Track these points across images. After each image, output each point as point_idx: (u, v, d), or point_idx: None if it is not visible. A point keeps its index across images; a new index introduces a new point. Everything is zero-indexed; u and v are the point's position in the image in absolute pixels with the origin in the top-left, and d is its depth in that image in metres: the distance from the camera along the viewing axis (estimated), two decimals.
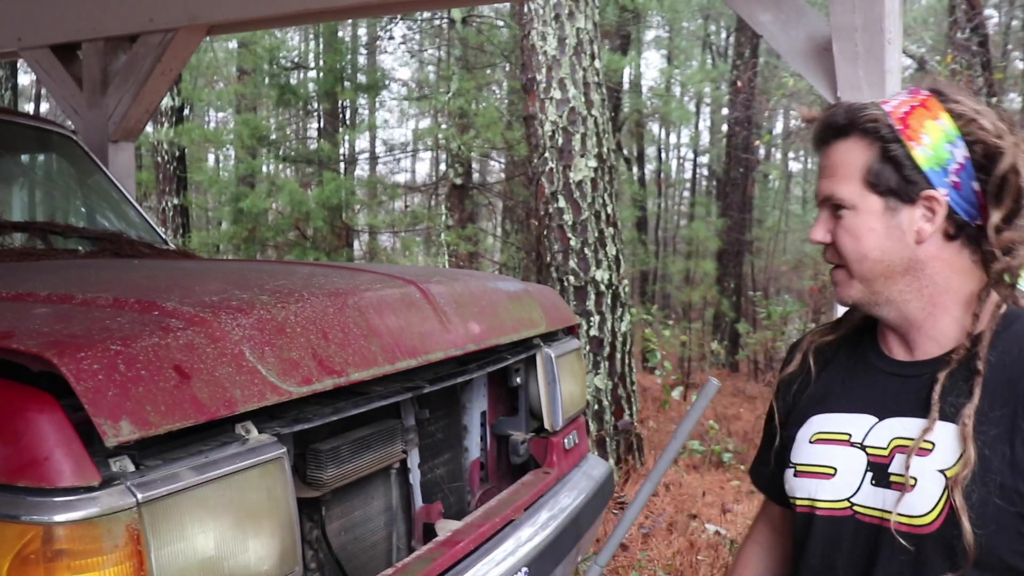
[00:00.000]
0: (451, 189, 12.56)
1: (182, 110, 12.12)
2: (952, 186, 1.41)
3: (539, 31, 6.53)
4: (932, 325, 1.47)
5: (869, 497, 1.47)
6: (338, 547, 2.17)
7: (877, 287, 1.47)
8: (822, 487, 1.53)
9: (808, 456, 1.58)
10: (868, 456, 1.48)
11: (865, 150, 1.45)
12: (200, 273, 2.54)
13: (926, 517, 1.37)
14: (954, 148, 1.41)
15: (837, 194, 1.47)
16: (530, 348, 3.00)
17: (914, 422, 1.43)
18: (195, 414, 1.55)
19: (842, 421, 1.55)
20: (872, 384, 1.54)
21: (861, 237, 1.46)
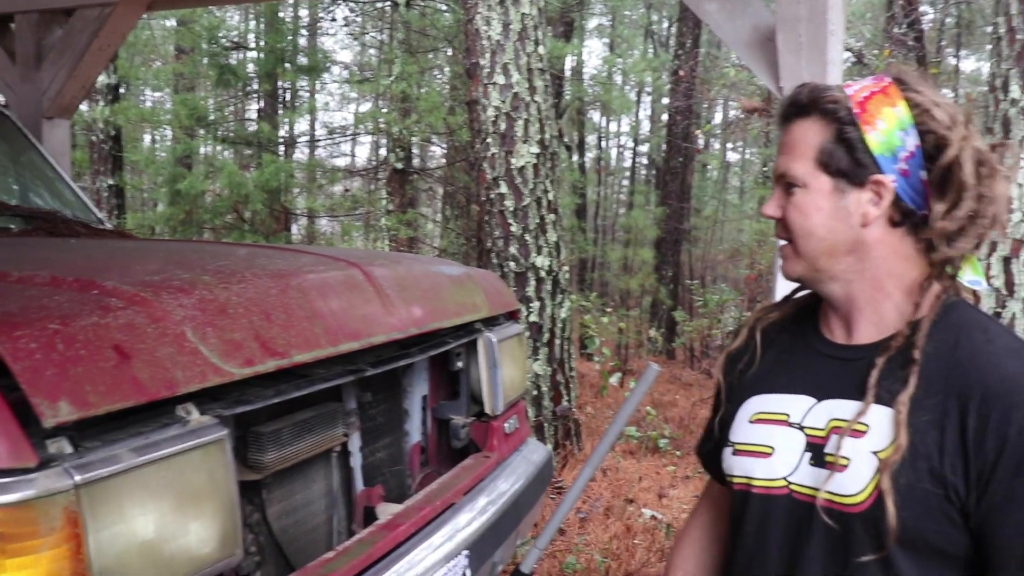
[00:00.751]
0: (392, 173, 12.48)
1: (118, 88, 11.86)
2: (901, 173, 1.44)
3: (483, 16, 6.51)
4: (873, 309, 1.50)
5: (805, 476, 1.49)
6: (279, 530, 2.16)
7: (820, 264, 1.50)
8: (759, 465, 1.56)
9: (747, 435, 1.61)
10: (806, 436, 1.51)
11: (822, 130, 1.47)
12: (140, 253, 2.50)
13: (857, 497, 1.40)
14: (906, 136, 1.44)
15: (790, 171, 1.50)
16: (472, 332, 3.01)
17: (851, 404, 1.45)
18: (135, 395, 1.53)
19: (782, 401, 1.58)
20: (812, 366, 1.57)
21: (809, 215, 1.49)
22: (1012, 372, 1.37)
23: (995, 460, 1.33)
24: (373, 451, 2.65)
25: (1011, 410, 1.34)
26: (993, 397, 1.35)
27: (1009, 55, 5.54)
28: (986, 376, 1.37)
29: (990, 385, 1.36)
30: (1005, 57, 5.58)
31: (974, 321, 1.46)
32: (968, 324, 1.45)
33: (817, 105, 1.48)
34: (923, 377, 1.39)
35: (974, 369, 1.38)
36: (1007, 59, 5.56)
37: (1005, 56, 5.58)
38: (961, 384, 1.38)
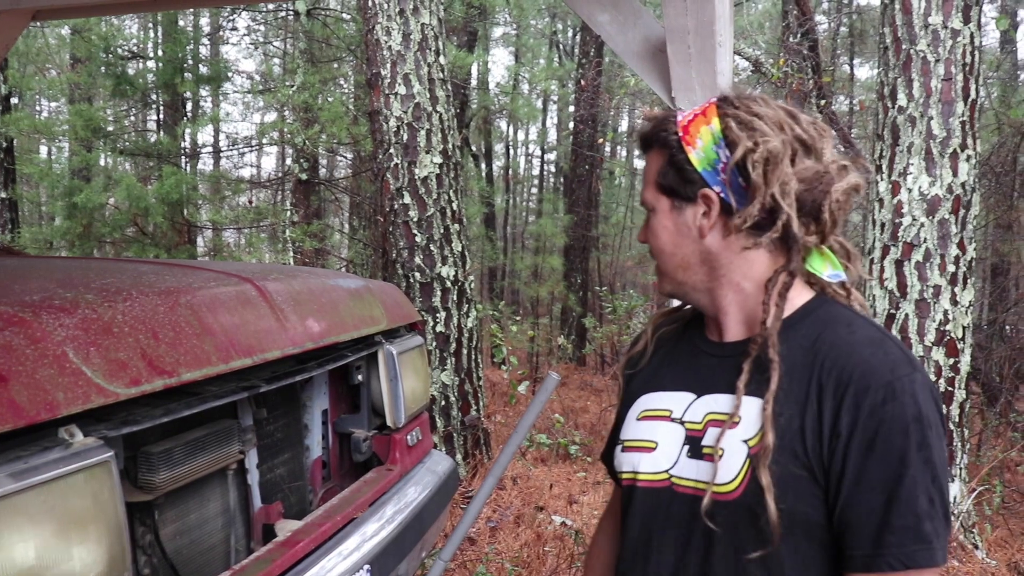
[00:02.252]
0: (296, 184, 12.35)
1: (9, 98, 11.52)
2: (725, 184, 1.53)
3: (383, 26, 6.49)
4: (737, 310, 1.59)
5: (685, 469, 1.56)
6: (173, 551, 2.12)
7: (679, 278, 1.61)
8: (644, 460, 1.62)
9: (634, 432, 1.68)
10: (686, 430, 1.58)
11: (659, 158, 1.60)
12: (23, 271, 2.43)
13: (730, 485, 1.47)
14: (719, 149, 1.54)
15: (643, 198, 1.64)
16: (371, 345, 2.99)
17: (726, 398, 1.54)
18: (12, 418, 1.49)
19: (665, 399, 1.65)
20: (693, 364, 1.65)
21: (658, 234, 1.62)
22: (866, 357, 1.45)
23: (847, 439, 1.41)
24: (271, 467, 2.62)
25: (863, 392, 1.41)
26: (847, 381, 1.43)
27: (895, 64, 5.72)
28: (843, 362, 1.45)
29: (845, 369, 1.44)
30: (892, 67, 5.76)
31: (840, 316, 1.54)
32: (833, 319, 1.54)
33: (655, 137, 1.61)
34: (787, 369, 1.47)
35: (833, 356, 1.46)
36: (894, 68, 5.74)
37: (892, 65, 5.76)
38: (819, 371, 1.46)
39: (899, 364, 1.44)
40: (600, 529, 1.96)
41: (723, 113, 1.55)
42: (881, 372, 1.43)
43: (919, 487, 1.39)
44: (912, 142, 5.63)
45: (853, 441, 1.40)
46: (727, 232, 1.55)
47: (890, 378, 1.42)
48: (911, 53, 5.62)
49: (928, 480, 1.40)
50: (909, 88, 5.63)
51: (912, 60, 5.62)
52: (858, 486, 1.40)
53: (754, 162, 1.49)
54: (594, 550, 1.95)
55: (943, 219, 5.55)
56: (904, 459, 1.39)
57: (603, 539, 1.94)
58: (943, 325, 5.57)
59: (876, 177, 5.92)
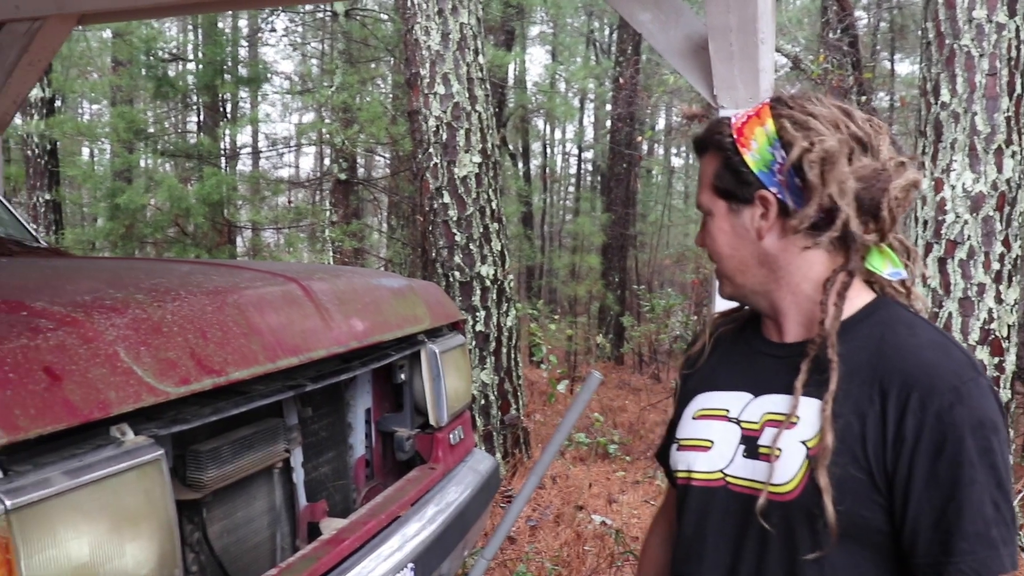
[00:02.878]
0: (335, 184, 12.43)
1: (53, 101, 11.68)
2: (780, 184, 1.53)
3: (422, 26, 6.51)
4: (796, 311, 1.59)
5: (740, 468, 1.56)
6: (220, 549, 2.14)
7: (739, 280, 1.62)
8: (699, 459, 1.63)
9: (690, 431, 1.68)
10: (742, 430, 1.58)
11: (714, 161, 1.61)
12: (72, 272, 2.47)
13: (787, 485, 1.46)
14: (775, 150, 1.53)
15: (699, 202, 1.65)
16: (414, 344, 3.00)
17: (784, 399, 1.53)
18: (67, 417, 1.51)
19: (722, 398, 1.65)
20: (751, 364, 1.65)
21: (716, 238, 1.62)
22: (930, 359, 1.44)
23: (914, 444, 1.40)
24: (316, 466, 2.64)
25: (929, 395, 1.40)
26: (912, 384, 1.42)
27: (938, 59, 5.65)
28: (906, 365, 1.44)
29: (909, 372, 1.43)
30: (935, 62, 5.69)
31: (900, 318, 1.54)
32: (894, 321, 1.53)
33: (710, 140, 1.61)
34: (847, 371, 1.46)
35: (895, 359, 1.45)
36: (936, 63, 5.67)
37: (935, 61, 5.69)
38: (882, 374, 1.45)
39: (964, 368, 1.43)
40: (652, 531, 1.97)
41: (777, 114, 1.55)
42: (946, 376, 1.41)
43: (986, 493, 1.38)
44: (956, 138, 5.56)
45: (920, 446, 1.39)
46: (785, 233, 1.55)
47: (956, 383, 1.41)
48: (955, 48, 5.56)
49: (993, 485, 1.39)
50: (953, 83, 5.57)
51: (956, 55, 5.56)
52: (925, 492, 1.40)
53: (811, 162, 1.48)
54: (647, 551, 1.96)
55: (987, 216, 5.48)
56: (971, 464, 1.38)
57: (656, 540, 1.94)
58: (987, 324, 5.50)
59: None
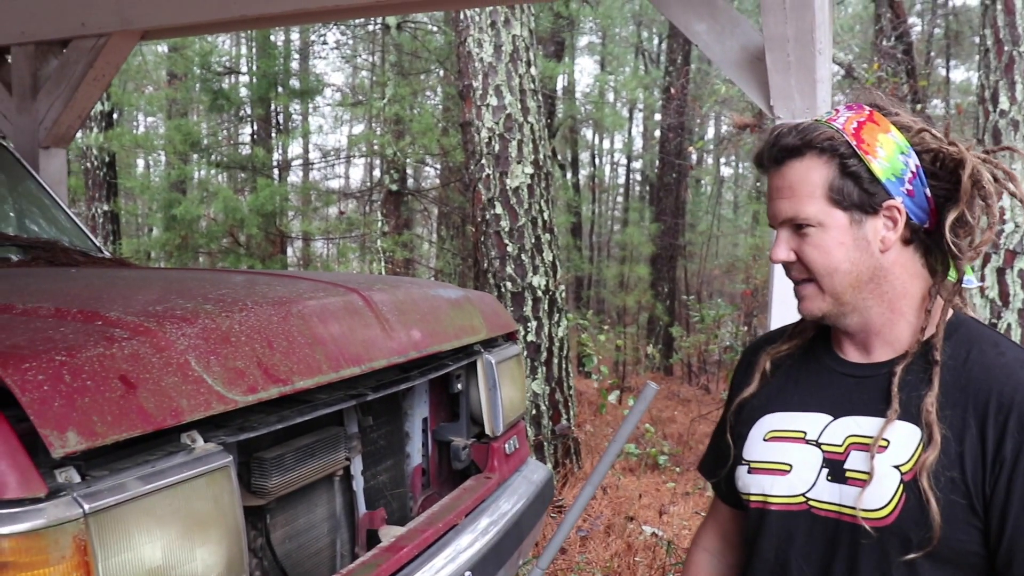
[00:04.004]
0: (386, 195, 12.52)
1: (112, 115, 11.92)
2: (907, 194, 1.49)
3: (475, 38, 6.56)
4: (890, 330, 1.55)
5: (825, 492, 1.53)
6: (282, 555, 2.18)
7: (846, 298, 1.54)
8: (776, 483, 1.60)
9: (762, 453, 1.64)
10: (824, 453, 1.55)
11: (824, 167, 1.50)
12: (141, 282, 2.52)
13: (883, 511, 1.44)
14: (907, 159, 1.49)
15: (802, 214, 1.52)
16: (471, 354, 3.02)
17: (868, 420, 1.51)
18: (141, 424, 1.55)
19: (796, 419, 1.62)
20: (826, 384, 1.61)
21: (831, 252, 1.52)
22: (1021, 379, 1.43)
23: (1014, 464, 1.39)
24: (375, 474, 2.67)
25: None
26: (1009, 405, 1.40)
27: (997, 67, 5.60)
28: (1002, 386, 1.42)
29: (1005, 394, 1.41)
30: (993, 69, 5.63)
31: (984, 336, 1.52)
32: (978, 338, 1.51)
33: (812, 144, 1.51)
34: (941, 387, 1.45)
35: (989, 379, 1.44)
36: (995, 71, 5.61)
37: (993, 68, 5.63)
38: (976, 395, 1.43)
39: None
40: (698, 543, 1.93)
41: (894, 122, 1.52)
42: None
43: None
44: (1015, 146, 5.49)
45: (1019, 468, 1.39)
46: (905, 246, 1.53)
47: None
48: (1014, 55, 5.50)
49: None
50: (1012, 91, 5.51)
51: (1015, 62, 5.50)
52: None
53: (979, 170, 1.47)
54: (693, 564, 1.91)
55: None
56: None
57: (705, 557, 1.90)
58: None
59: None
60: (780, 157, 1.54)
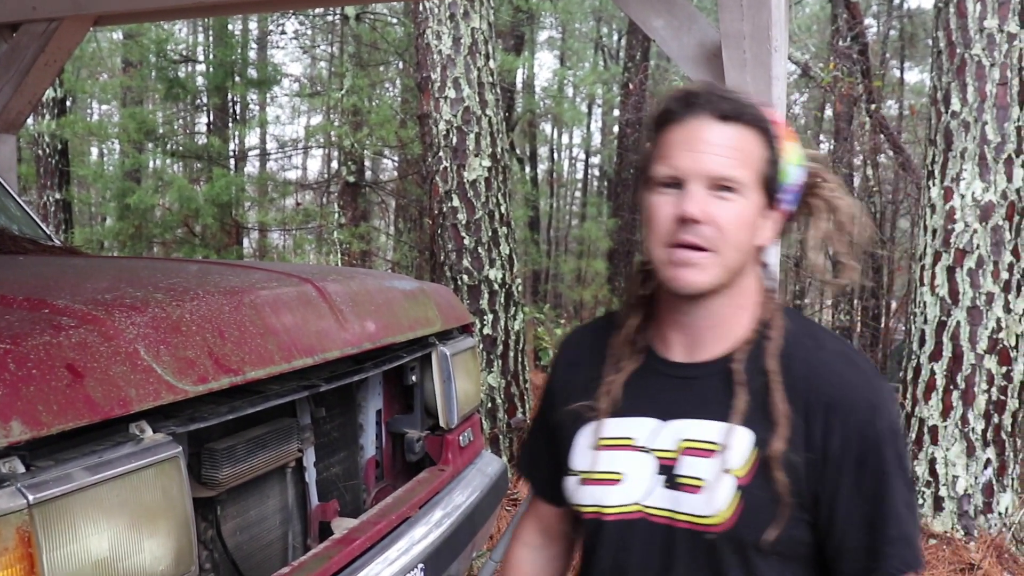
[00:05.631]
0: (344, 187, 12.45)
1: (64, 101, 11.74)
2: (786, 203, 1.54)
3: (434, 30, 6.54)
4: (730, 324, 1.51)
5: (659, 499, 1.49)
6: (233, 547, 2.16)
7: (726, 278, 1.46)
8: (609, 493, 1.53)
9: (592, 463, 1.56)
10: (657, 459, 1.50)
11: (761, 146, 1.46)
12: (91, 270, 2.49)
13: (718, 516, 1.43)
14: (799, 171, 1.54)
15: (736, 176, 1.42)
16: (425, 346, 3.02)
17: (700, 424, 1.47)
18: (88, 414, 1.53)
19: (624, 425, 1.55)
20: (653, 387, 1.55)
21: (744, 225, 1.45)
22: (846, 376, 1.46)
23: (839, 460, 1.41)
24: (328, 466, 2.66)
25: (849, 413, 1.42)
26: (834, 406, 1.42)
27: (949, 68, 5.67)
28: (828, 387, 1.44)
29: (831, 395, 1.43)
30: (945, 71, 5.70)
31: (801, 328, 1.53)
32: (797, 332, 1.51)
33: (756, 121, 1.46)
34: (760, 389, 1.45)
35: (811, 375, 1.45)
36: (947, 73, 5.68)
37: (945, 70, 5.70)
38: (800, 392, 1.44)
39: (872, 379, 1.47)
40: (520, 541, 1.84)
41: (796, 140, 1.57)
42: (862, 391, 1.44)
43: (900, 496, 1.43)
44: (965, 147, 5.57)
45: (845, 461, 1.42)
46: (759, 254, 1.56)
47: (870, 396, 1.44)
48: (966, 57, 5.57)
49: (906, 488, 1.44)
50: (963, 92, 5.58)
51: (967, 64, 5.57)
52: (851, 504, 1.42)
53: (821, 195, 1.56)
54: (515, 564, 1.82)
55: (996, 225, 5.49)
56: (890, 472, 1.43)
57: (526, 551, 1.82)
58: (996, 333, 5.51)
59: (928, 183, 5.88)
60: (725, 116, 1.44)
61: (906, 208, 12.43)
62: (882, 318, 11.96)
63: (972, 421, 5.58)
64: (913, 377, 5.89)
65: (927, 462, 5.76)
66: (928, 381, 5.75)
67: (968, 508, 5.62)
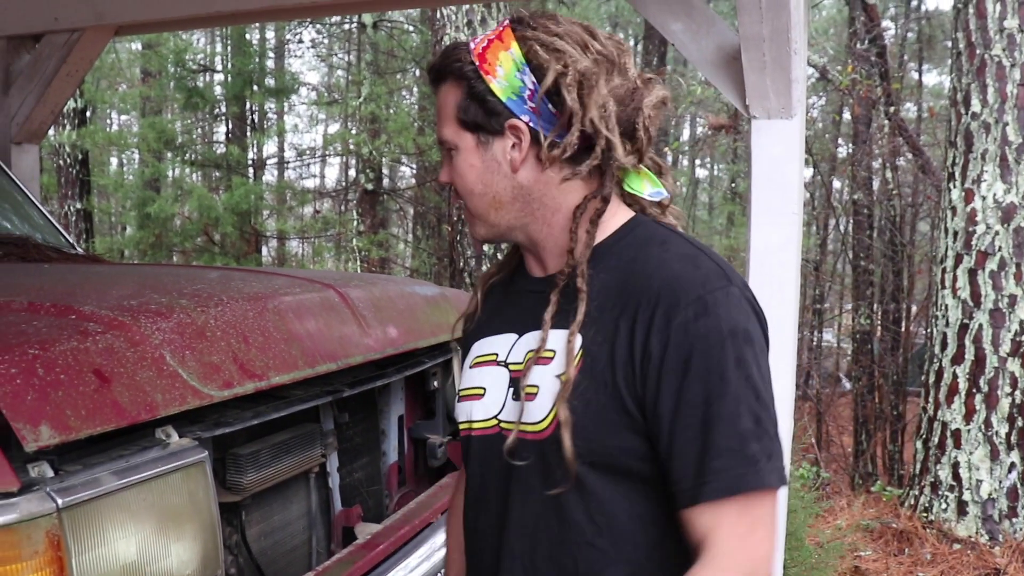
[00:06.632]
0: (362, 194, 12.49)
1: (85, 112, 11.82)
2: (532, 112, 1.43)
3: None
4: (554, 243, 1.49)
5: (508, 411, 1.48)
6: (258, 552, 2.17)
7: (492, 219, 1.50)
8: (476, 408, 1.55)
9: (467, 381, 1.60)
10: (510, 372, 1.50)
11: (455, 91, 1.47)
12: (115, 277, 2.51)
13: (542, 423, 1.40)
14: (523, 75, 1.42)
15: (442, 135, 1.50)
16: (447, 352, 3.02)
17: (541, 334, 1.44)
18: (116, 418, 1.54)
19: (492, 343, 1.57)
20: (516, 303, 1.57)
21: (465, 174, 1.48)
22: (676, 272, 1.36)
23: (660, 361, 1.32)
24: (351, 471, 2.66)
25: (673, 309, 1.32)
26: (656, 299, 1.34)
27: (969, 70, 5.65)
28: (652, 280, 1.36)
29: (654, 288, 1.35)
30: (965, 72, 5.68)
31: (655, 235, 1.46)
32: (648, 239, 1.45)
33: (447, 70, 1.48)
34: (599, 297, 1.39)
35: (644, 276, 1.38)
36: (967, 74, 5.67)
37: (965, 71, 5.69)
38: (631, 295, 1.37)
39: (711, 277, 1.35)
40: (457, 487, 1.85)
41: (521, 36, 1.43)
42: (691, 287, 1.34)
43: (741, 405, 1.29)
44: (986, 149, 5.55)
45: (666, 362, 1.31)
46: (541, 164, 1.45)
47: (701, 292, 1.33)
48: (985, 58, 5.56)
49: (752, 398, 1.30)
50: (983, 93, 5.56)
51: (987, 65, 5.56)
52: (676, 411, 1.31)
53: (567, 86, 1.38)
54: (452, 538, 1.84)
55: (1019, 227, 5.47)
56: (723, 376, 1.29)
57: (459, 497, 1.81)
58: (1019, 335, 5.48)
59: (948, 185, 5.86)
60: (433, 80, 1.51)
61: (925, 211, 12.36)
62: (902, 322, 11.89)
63: (995, 424, 5.55)
64: (935, 381, 5.87)
65: (950, 466, 5.74)
66: (950, 385, 5.73)
67: (992, 512, 5.59)
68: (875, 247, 11.46)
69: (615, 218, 1.48)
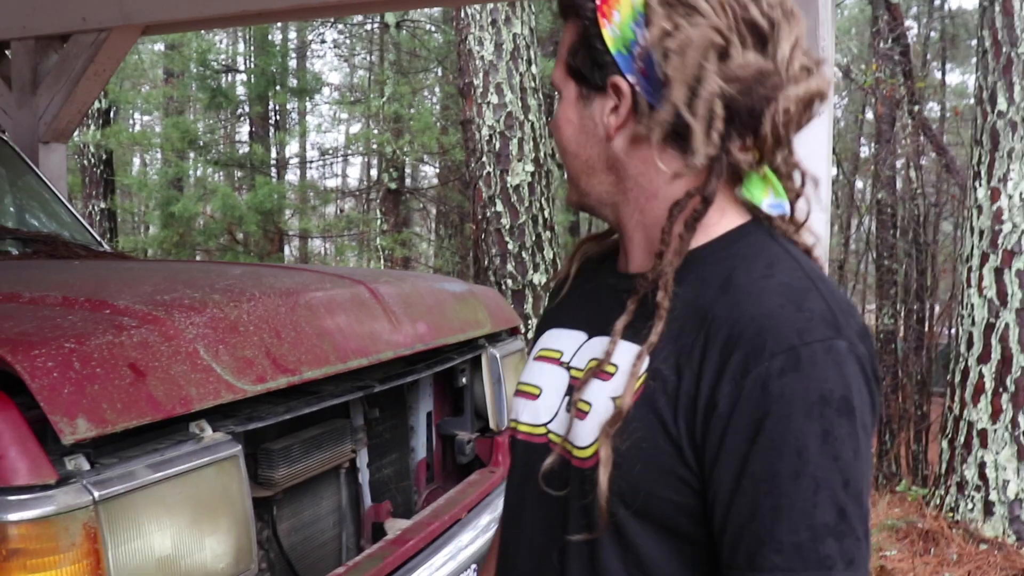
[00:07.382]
0: (385, 193, 12.52)
1: (109, 112, 11.91)
2: (640, 72, 1.15)
3: (476, 36, 6.56)
4: (643, 235, 1.23)
5: (559, 423, 1.25)
6: (289, 547, 2.17)
7: (583, 185, 1.26)
8: (526, 409, 1.33)
9: (527, 374, 1.37)
10: (570, 377, 1.27)
11: (572, 30, 1.22)
12: (146, 273, 2.52)
13: (588, 449, 1.16)
14: (638, 27, 1.14)
15: (553, 76, 1.28)
16: (475, 349, 3.02)
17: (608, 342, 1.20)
18: (151, 412, 1.54)
19: (561, 337, 1.34)
20: (591, 297, 1.33)
21: (561, 128, 1.25)
22: (770, 309, 1.07)
23: (728, 415, 1.04)
24: (380, 467, 2.66)
25: (755, 355, 1.04)
26: (738, 337, 1.06)
27: (995, 68, 5.60)
28: (740, 311, 1.08)
29: (739, 321, 1.07)
30: (991, 70, 5.64)
31: (763, 252, 1.16)
32: (754, 256, 1.15)
33: (571, 4, 1.21)
34: (681, 317, 1.12)
35: (731, 304, 1.09)
36: (993, 72, 5.62)
37: (991, 69, 5.64)
38: (713, 322, 1.09)
39: (815, 324, 1.05)
40: None
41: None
42: (784, 332, 1.04)
43: (821, 493, 1.00)
44: (1012, 147, 5.51)
45: (734, 419, 1.03)
46: (636, 140, 1.18)
47: (795, 342, 1.03)
48: (1012, 56, 5.51)
49: (838, 484, 1.01)
50: (1010, 92, 5.51)
51: (1013, 63, 5.51)
52: (737, 481, 1.03)
53: (667, 50, 1.10)
54: None
55: None
56: (802, 453, 1.00)
57: None
58: None
59: (974, 183, 5.81)
60: (560, 11, 1.26)
61: (949, 210, 12.29)
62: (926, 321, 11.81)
63: (1023, 424, 5.50)
64: (961, 380, 5.82)
65: (976, 466, 5.70)
66: (976, 384, 5.69)
67: (1020, 512, 5.54)
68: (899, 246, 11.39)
69: (723, 220, 1.18)
